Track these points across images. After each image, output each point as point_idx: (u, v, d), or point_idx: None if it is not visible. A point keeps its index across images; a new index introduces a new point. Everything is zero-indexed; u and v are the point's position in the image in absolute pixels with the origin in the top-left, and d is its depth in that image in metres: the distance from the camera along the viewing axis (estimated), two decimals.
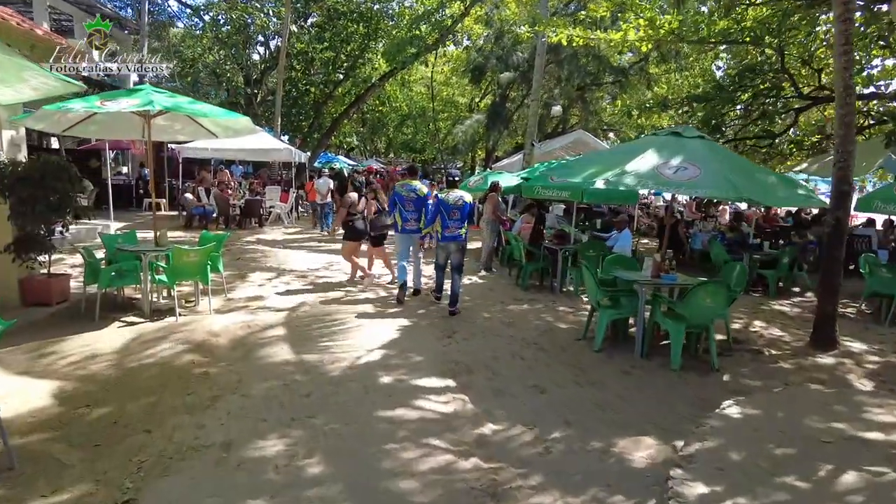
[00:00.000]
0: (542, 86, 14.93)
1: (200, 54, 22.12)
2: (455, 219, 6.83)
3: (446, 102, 30.61)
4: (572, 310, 7.47)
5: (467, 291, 8.28)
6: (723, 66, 20.32)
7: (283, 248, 11.67)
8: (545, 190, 8.11)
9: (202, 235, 7.72)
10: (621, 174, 4.90)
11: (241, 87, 24.03)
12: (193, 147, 14.86)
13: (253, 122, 17.29)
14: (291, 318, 6.56)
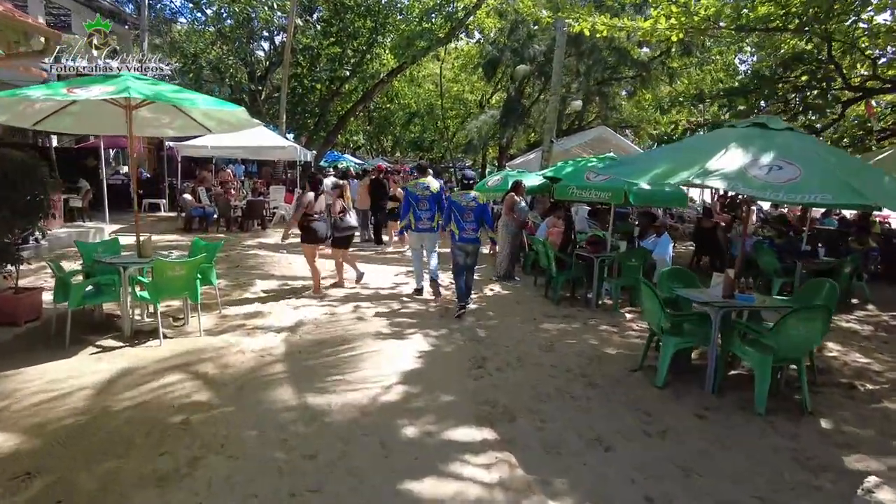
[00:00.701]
0: (560, 79, 13.88)
1: (203, 50, 21.15)
2: (469, 220, 6.69)
3: (455, 100, 29.58)
4: (615, 329, 6.45)
5: (491, 306, 7.29)
6: (747, 59, 19.26)
7: (287, 252, 10.68)
8: (582, 191, 7.09)
9: (193, 244, 6.75)
10: (704, 174, 3.88)
11: (244, 83, 23.06)
12: (192, 145, 13.93)
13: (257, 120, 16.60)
14: (294, 342, 5.58)
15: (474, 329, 6.22)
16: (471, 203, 6.70)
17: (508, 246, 8.80)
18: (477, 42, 20.98)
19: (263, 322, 6.18)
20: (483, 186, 10.65)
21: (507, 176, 10.52)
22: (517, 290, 8.37)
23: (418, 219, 7.28)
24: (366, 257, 10.53)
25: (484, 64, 16.76)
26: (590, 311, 7.22)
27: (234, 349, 5.30)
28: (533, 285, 8.65)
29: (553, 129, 13.83)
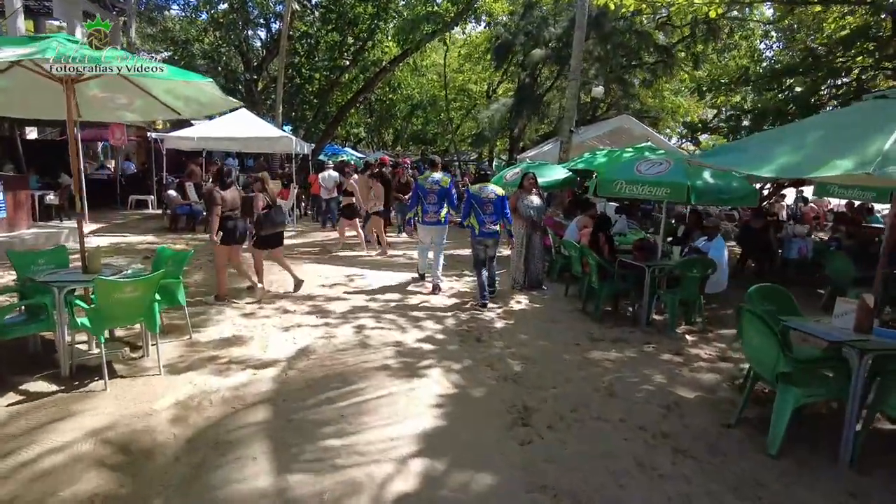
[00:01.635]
0: (580, 63, 12.50)
1: (195, 37, 19.72)
2: (489, 213, 6.61)
3: (459, 90, 28.21)
4: (680, 359, 5.13)
5: (521, 325, 5.97)
6: (773, 44, 17.86)
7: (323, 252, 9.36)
8: (631, 185, 5.74)
9: (157, 253, 5.42)
10: (883, 162, 2.54)
11: (240, 72, 21.65)
12: (177, 136, 12.58)
13: (253, 112, 15.20)
14: (278, 382, 4.26)
15: (506, 359, 4.90)
16: (490, 195, 6.59)
17: (518, 251, 7.42)
18: (486, 26, 19.55)
19: (242, 352, 4.86)
20: (500, 181, 9.30)
21: (527, 169, 9.16)
22: (547, 301, 7.05)
23: (426, 212, 7.14)
24: (368, 261, 9.19)
25: (495, 48, 15.34)
26: (641, 332, 5.89)
27: (199, 396, 3.98)
28: (564, 296, 7.32)
29: (573, 118, 12.47)
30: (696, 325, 6.23)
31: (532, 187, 7.44)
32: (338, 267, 8.61)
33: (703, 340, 5.70)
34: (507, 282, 7.83)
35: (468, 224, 6.76)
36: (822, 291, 8.33)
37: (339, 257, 9.48)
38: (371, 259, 9.47)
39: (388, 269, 8.59)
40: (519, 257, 7.38)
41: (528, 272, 7.48)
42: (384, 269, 8.59)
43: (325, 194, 13.02)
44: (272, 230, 6.69)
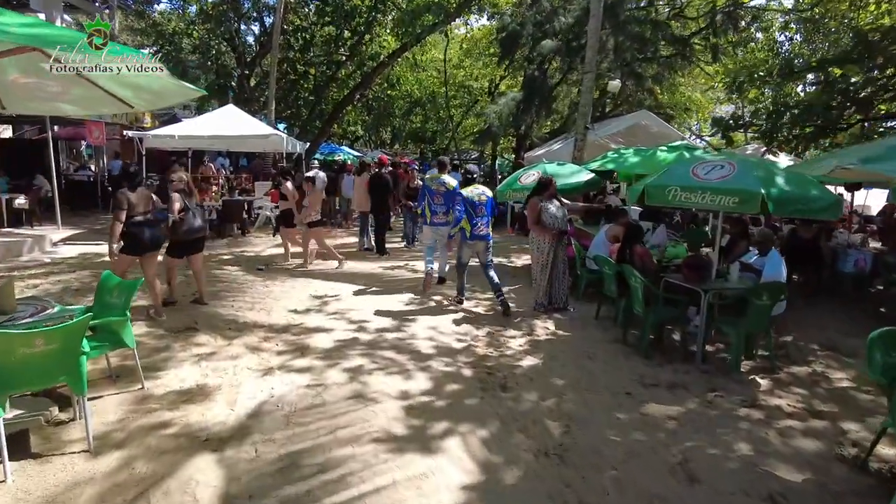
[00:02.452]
0: (596, 54, 11.36)
1: (183, 30, 18.49)
2: (482, 215, 6.39)
3: (459, 87, 27.00)
4: (761, 413, 4.01)
5: (552, 363, 4.83)
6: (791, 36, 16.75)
7: (268, 268, 8.22)
8: (688, 193, 4.59)
9: (101, 281, 4.28)
10: None
11: (232, 67, 20.43)
12: (157, 135, 11.41)
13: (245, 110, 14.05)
14: (245, 471, 3.13)
15: (543, 420, 3.78)
16: (481, 197, 6.39)
17: (542, 267, 6.26)
18: (488, 19, 18.42)
19: (203, 413, 3.73)
20: (514, 184, 8.17)
21: (545, 170, 8.02)
22: (577, 327, 5.91)
23: (434, 213, 6.83)
24: (365, 275, 8.04)
25: (501, 39, 14.17)
26: (697, 371, 4.77)
27: (133, 484, 2.85)
28: (595, 318, 6.20)
29: (588, 114, 11.35)
30: (758, 359, 5.13)
31: (553, 193, 6.33)
32: (315, 285, 7.46)
33: (777, 384, 4.58)
34: (523, 299, 6.71)
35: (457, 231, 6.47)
36: (883, 310, 7.26)
37: (315, 273, 8.32)
38: (353, 273, 8.31)
39: (379, 289, 7.45)
40: (543, 275, 6.24)
41: (551, 292, 6.35)
42: (374, 289, 7.44)
43: None
44: (188, 236, 5.79)
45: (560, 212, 6.23)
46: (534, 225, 6.21)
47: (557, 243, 6.26)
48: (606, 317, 6.24)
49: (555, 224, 6.15)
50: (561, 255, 6.27)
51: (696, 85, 19.61)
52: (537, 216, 6.16)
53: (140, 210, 5.30)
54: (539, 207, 6.17)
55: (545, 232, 6.10)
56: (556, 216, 6.20)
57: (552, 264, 6.21)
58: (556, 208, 6.25)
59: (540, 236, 6.15)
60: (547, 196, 6.26)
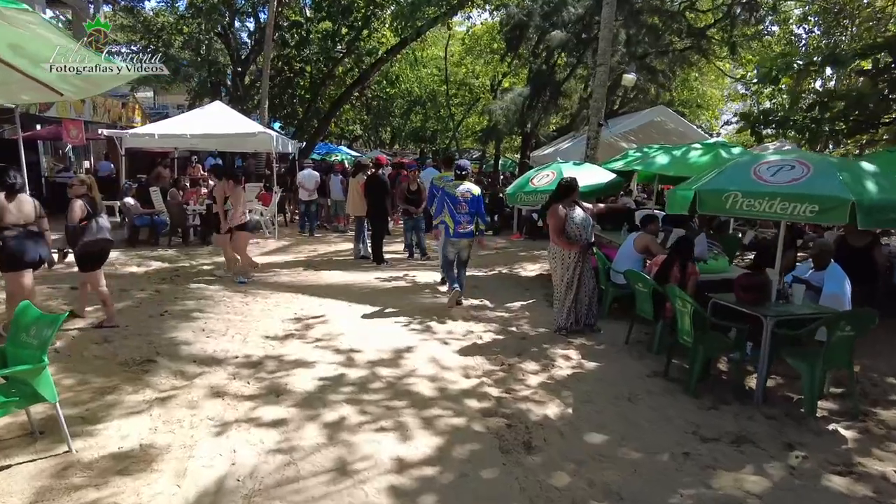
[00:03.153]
0: (610, 45, 10.42)
1: (172, 24, 17.53)
2: (464, 212, 6.06)
3: (460, 85, 26.08)
4: (867, 488, 3.07)
5: (585, 406, 3.88)
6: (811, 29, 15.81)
7: (249, 281, 7.27)
8: (753, 199, 3.60)
9: (15, 316, 3.35)
10: None
11: (226, 64, 19.48)
12: (135, 133, 10.48)
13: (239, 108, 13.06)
14: None
15: (586, 502, 2.84)
16: (465, 194, 6.08)
17: (567, 285, 5.32)
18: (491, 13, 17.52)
19: (141, 488, 2.80)
20: (525, 186, 7.23)
21: (560, 170, 7.09)
22: (608, 356, 4.96)
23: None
24: (359, 288, 7.09)
25: (507, 31, 13.23)
26: (763, 417, 3.84)
27: None
28: (625, 343, 5.26)
29: (601, 109, 10.43)
30: (829, 397, 4.20)
31: (575, 198, 5.39)
32: (301, 301, 6.53)
33: (867, 437, 3.65)
34: (540, 319, 5.77)
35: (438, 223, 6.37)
36: None
37: (301, 286, 7.39)
38: (346, 286, 7.37)
39: (374, 306, 6.51)
40: (568, 294, 5.29)
41: (577, 310, 5.39)
42: (368, 306, 6.50)
43: (305, 196, 11.48)
44: (92, 248, 5.07)
45: (586, 220, 5.30)
46: (558, 236, 5.24)
47: (583, 255, 5.32)
48: (638, 340, 5.30)
49: (581, 235, 5.23)
50: (588, 271, 5.33)
51: (706, 81, 18.66)
52: (562, 226, 5.19)
53: (13, 221, 4.43)
54: (564, 216, 5.20)
55: (571, 245, 5.15)
56: (582, 226, 5.24)
57: (578, 281, 5.27)
58: (581, 217, 5.30)
59: (564, 248, 5.20)
60: (569, 202, 5.32)
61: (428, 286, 7.33)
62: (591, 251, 5.45)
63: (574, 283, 5.26)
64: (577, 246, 5.17)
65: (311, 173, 11.57)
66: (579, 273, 5.26)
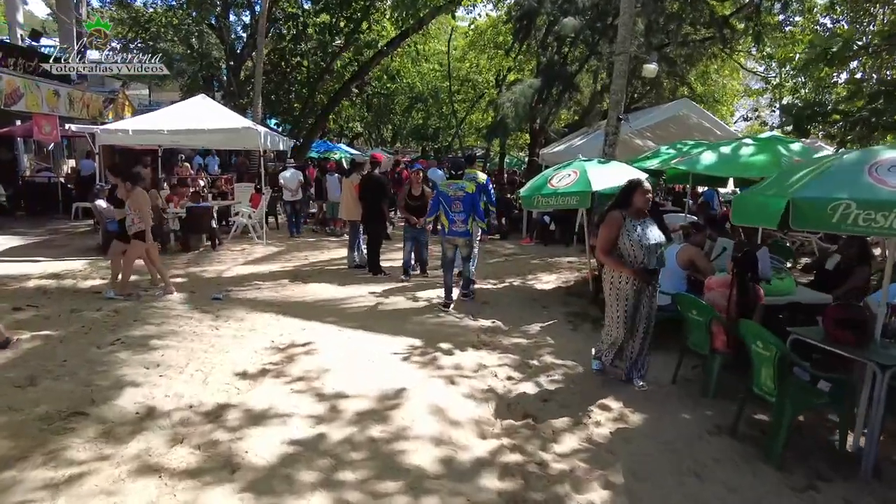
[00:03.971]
0: (631, 32, 9.37)
1: (161, 14, 16.51)
2: (458, 211, 5.89)
3: (463, 81, 25.02)
4: None
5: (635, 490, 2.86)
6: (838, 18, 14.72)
7: (223, 299, 6.27)
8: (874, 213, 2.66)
9: None
10: None
11: (219, 58, 18.46)
12: (108, 129, 9.49)
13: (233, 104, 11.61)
14: None
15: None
16: (458, 193, 5.92)
17: (619, 316, 4.03)
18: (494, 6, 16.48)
19: None
20: (542, 188, 6.21)
21: (583, 170, 6.05)
22: (651, 401, 3.94)
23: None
24: (352, 306, 6.07)
25: (516, 18, 12.17)
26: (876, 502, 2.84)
27: None
28: (671, 383, 4.24)
29: (621, 102, 9.34)
30: None
31: (646, 207, 4.01)
32: (283, 324, 5.52)
33: None
34: (566, 348, 4.76)
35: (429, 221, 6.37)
36: None
37: (286, 304, 6.41)
38: (336, 303, 6.37)
39: (368, 331, 5.50)
40: (618, 325, 4.04)
41: (629, 351, 4.14)
42: (361, 330, 5.49)
43: (289, 196, 10.87)
44: None
45: (654, 239, 3.91)
46: (605, 254, 3.99)
47: (646, 287, 4.00)
48: (686, 378, 4.30)
49: (638, 258, 3.89)
50: (647, 303, 4.03)
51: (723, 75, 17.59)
52: (613, 240, 3.96)
53: None
54: (619, 228, 3.94)
55: (621, 267, 3.94)
56: (642, 246, 3.86)
57: (632, 314, 4.01)
58: (650, 232, 3.92)
59: (616, 273, 4.00)
60: (634, 212, 4.00)
61: (431, 303, 6.32)
62: (655, 282, 4.06)
63: (630, 322, 3.99)
64: (632, 270, 3.89)
65: (294, 173, 10.89)
66: (635, 301, 3.96)
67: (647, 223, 3.97)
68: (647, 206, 4.01)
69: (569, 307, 6.23)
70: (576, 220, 10.26)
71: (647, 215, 4.01)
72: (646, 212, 4.00)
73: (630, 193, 4.03)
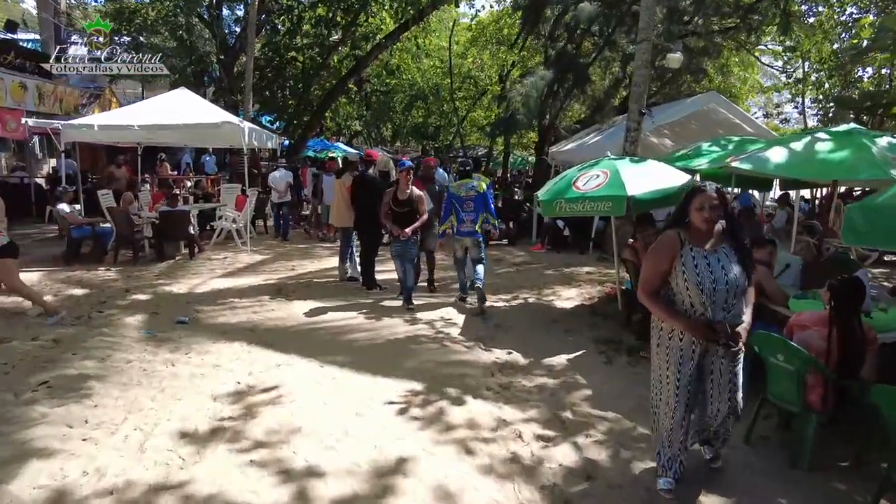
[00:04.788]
0: (653, 17, 8.39)
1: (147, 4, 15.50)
2: (469, 210, 5.68)
3: (464, 78, 24.02)
4: None
5: None
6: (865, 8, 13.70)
7: (189, 322, 5.27)
8: None
9: None
10: None
11: (209, 51, 17.47)
12: (73, 124, 8.49)
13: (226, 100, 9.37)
14: None
15: None
16: (469, 193, 5.70)
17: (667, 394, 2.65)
18: None
19: None
20: (566, 192, 5.20)
21: (617, 171, 5.04)
22: (728, 472, 2.95)
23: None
24: (336, 333, 5.06)
25: (525, 7, 11.13)
26: None
27: None
28: (744, 442, 3.24)
29: (644, 94, 8.40)
30: None
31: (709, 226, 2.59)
32: (253, 357, 4.53)
33: None
34: (599, 388, 3.76)
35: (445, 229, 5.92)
36: None
37: (256, 333, 5.42)
38: (317, 328, 5.38)
39: (356, 368, 4.51)
40: (670, 415, 2.65)
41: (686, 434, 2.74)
42: (347, 368, 4.50)
43: (276, 198, 10.17)
44: None
45: (725, 280, 2.51)
46: (648, 294, 2.64)
47: (714, 351, 2.63)
48: (762, 435, 3.32)
49: (696, 306, 2.54)
50: (723, 371, 2.65)
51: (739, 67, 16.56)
52: (662, 275, 2.62)
53: None
54: (672, 257, 2.58)
55: (672, 318, 2.58)
56: (706, 289, 2.49)
57: (691, 387, 2.63)
58: (721, 268, 2.53)
59: (664, 320, 2.64)
60: (698, 235, 2.59)
61: (436, 328, 5.32)
62: (733, 346, 2.54)
63: (689, 399, 2.63)
64: (682, 322, 2.55)
65: (283, 174, 10.08)
66: (709, 383, 2.67)
67: (720, 254, 2.57)
68: (712, 225, 2.57)
69: (597, 331, 5.24)
70: (592, 225, 9.26)
71: (721, 241, 2.61)
72: (718, 233, 2.60)
73: (686, 205, 2.64)
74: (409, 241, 5.65)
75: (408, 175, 5.82)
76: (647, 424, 3.34)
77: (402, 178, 5.81)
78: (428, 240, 6.36)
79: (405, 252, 5.71)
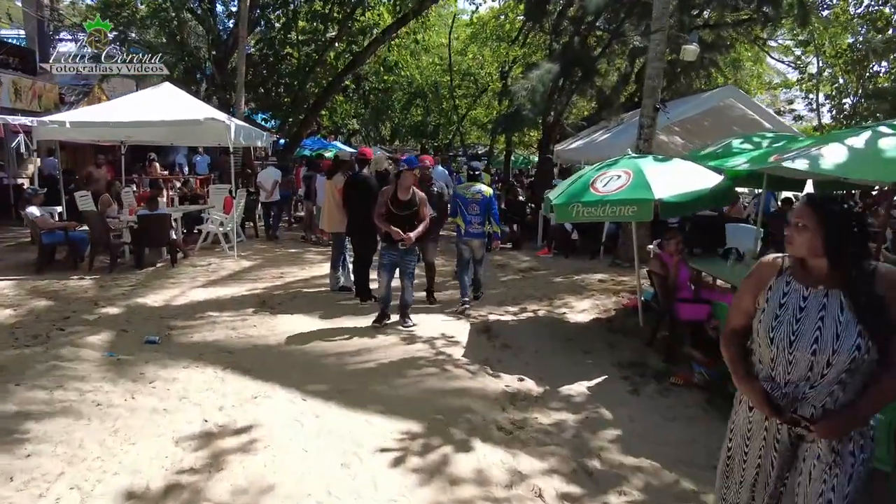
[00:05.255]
0: (668, 7, 7.79)
1: None
2: (475, 213, 5.65)
3: (464, 75, 23.43)
4: None
5: None
6: None
7: (159, 342, 4.67)
8: None
9: None
10: None
11: (199, 46, 16.84)
12: (44, 121, 7.88)
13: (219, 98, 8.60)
14: None
15: None
16: (476, 195, 5.67)
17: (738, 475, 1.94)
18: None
19: None
20: (582, 194, 4.58)
21: (641, 171, 4.44)
22: None
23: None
24: (323, 355, 4.46)
25: None
26: None
27: None
28: None
29: (658, 88, 7.85)
30: None
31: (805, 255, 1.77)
32: (227, 386, 3.93)
33: None
34: (627, 428, 3.16)
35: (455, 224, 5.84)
36: None
37: (232, 356, 4.82)
38: (304, 349, 4.77)
39: (343, 399, 3.91)
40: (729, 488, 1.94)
41: None
42: (334, 399, 3.90)
43: (263, 197, 9.99)
44: None
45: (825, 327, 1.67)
46: (724, 335, 1.97)
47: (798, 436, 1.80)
48: None
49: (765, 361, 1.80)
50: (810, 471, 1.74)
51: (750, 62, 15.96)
52: (746, 312, 1.89)
53: None
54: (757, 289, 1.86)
55: (735, 375, 1.88)
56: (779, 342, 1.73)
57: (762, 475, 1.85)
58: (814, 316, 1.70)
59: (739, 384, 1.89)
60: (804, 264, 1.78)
61: (436, 348, 4.72)
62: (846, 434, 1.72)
63: (735, 485, 1.93)
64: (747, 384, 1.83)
65: (271, 172, 9.75)
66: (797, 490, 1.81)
67: (831, 299, 1.70)
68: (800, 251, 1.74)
69: (618, 352, 4.64)
70: (603, 229, 8.65)
71: (826, 277, 1.72)
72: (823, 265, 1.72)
73: None
74: (409, 250, 4.95)
75: (413, 174, 5.13)
76: (690, 476, 2.76)
77: (408, 177, 5.00)
78: (428, 250, 5.92)
79: (402, 263, 5.00)
